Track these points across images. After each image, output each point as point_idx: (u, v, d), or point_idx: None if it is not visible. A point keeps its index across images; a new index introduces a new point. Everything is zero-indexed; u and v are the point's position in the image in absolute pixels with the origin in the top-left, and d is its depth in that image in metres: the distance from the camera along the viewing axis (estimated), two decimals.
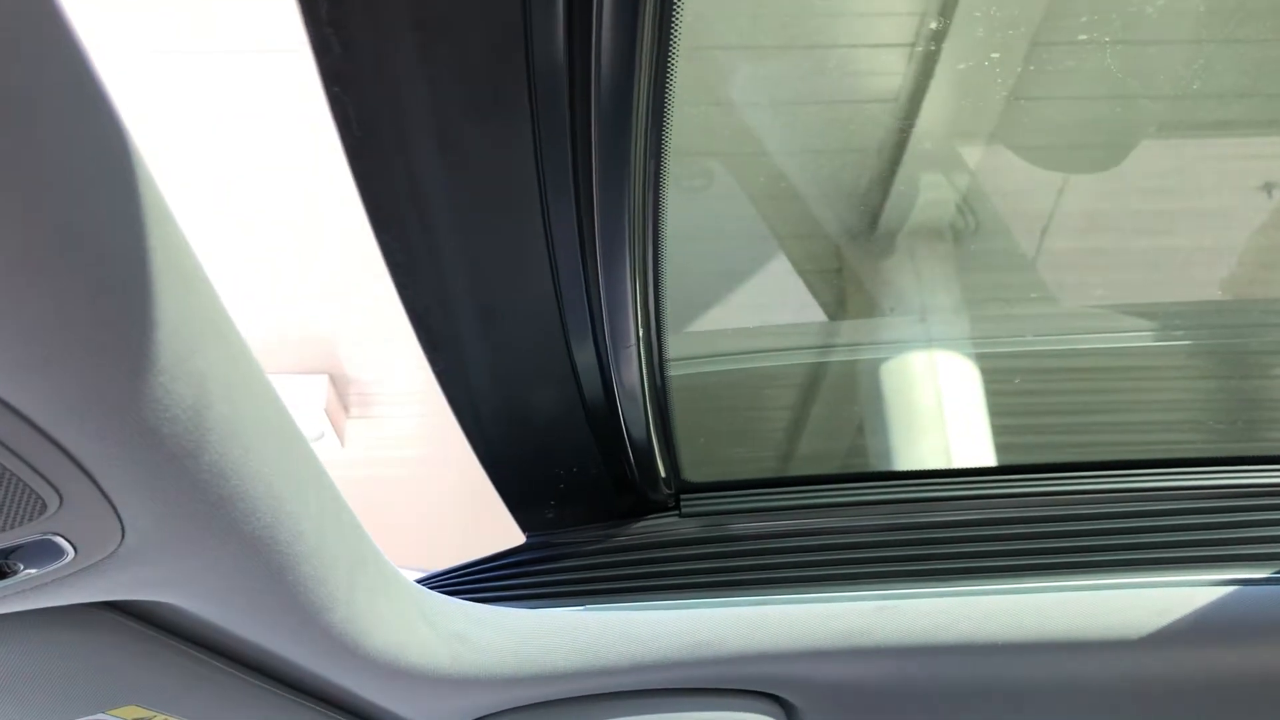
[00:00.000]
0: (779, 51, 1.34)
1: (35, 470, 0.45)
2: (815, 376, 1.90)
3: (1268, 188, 1.91)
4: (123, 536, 0.51)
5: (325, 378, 3.13)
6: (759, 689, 1.07)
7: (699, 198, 1.63)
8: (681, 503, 1.07)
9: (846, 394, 1.96)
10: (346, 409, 3.37)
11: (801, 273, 1.78)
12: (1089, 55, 1.88)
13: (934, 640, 0.99)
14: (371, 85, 0.58)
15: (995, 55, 1.63)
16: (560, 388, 0.85)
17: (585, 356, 0.83)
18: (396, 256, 0.70)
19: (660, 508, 1.06)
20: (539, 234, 0.69)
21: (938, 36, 1.61)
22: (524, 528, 1.04)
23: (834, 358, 1.95)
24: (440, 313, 0.76)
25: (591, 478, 0.98)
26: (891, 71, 1.52)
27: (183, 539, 0.54)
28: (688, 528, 1.05)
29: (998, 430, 2.01)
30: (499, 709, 1.04)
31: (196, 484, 0.50)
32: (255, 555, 0.60)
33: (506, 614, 0.95)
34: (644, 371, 0.86)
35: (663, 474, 1.02)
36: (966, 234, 1.83)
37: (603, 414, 0.90)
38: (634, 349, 0.82)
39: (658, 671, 1.01)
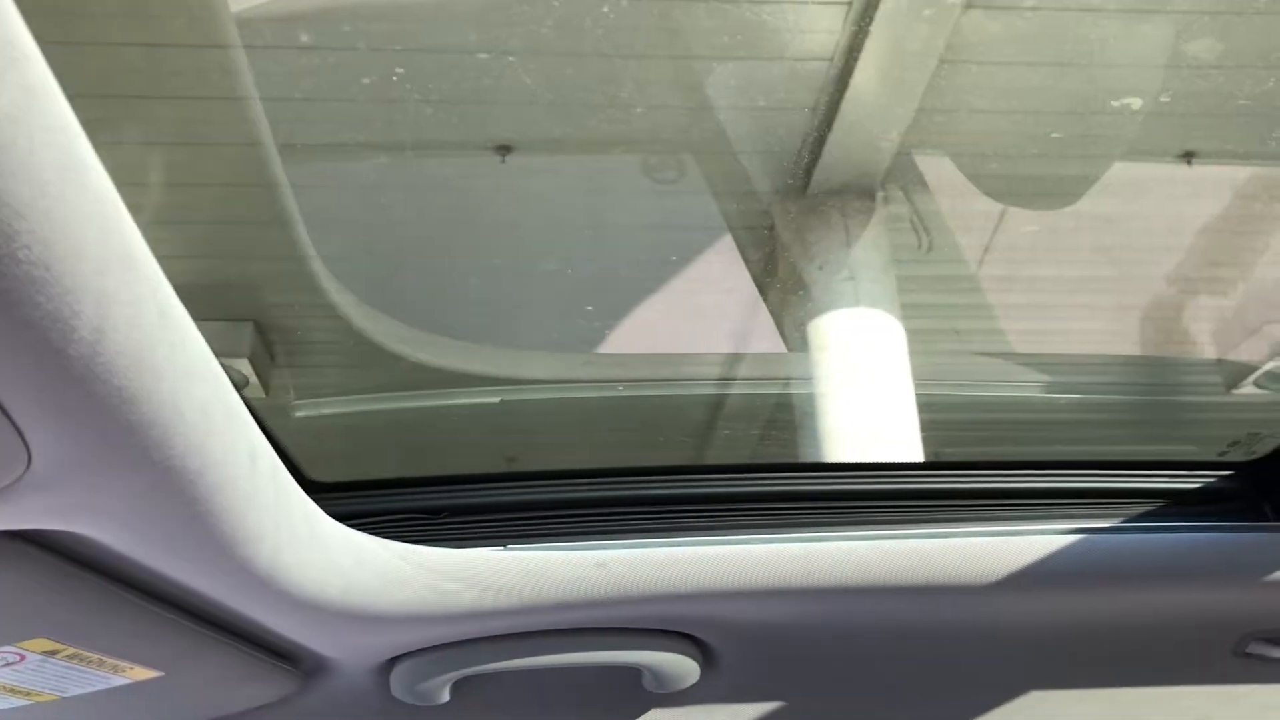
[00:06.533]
0: None
1: None
2: None
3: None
4: (29, 462, 0.51)
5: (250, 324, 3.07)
6: (676, 629, 1.09)
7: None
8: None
9: None
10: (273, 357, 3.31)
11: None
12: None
13: (839, 583, 1.02)
14: None
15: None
16: None
17: None
18: None
19: None
20: None
21: None
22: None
23: None
24: None
25: None
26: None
27: (92, 466, 0.54)
28: None
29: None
30: (418, 646, 1.05)
31: (105, 409, 0.50)
32: (168, 486, 0.59)
33: (429, 553, 0.95)
34: None
35: None
36: None
37: None
38: None
39: (576, 611, 1.02)
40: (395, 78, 1.88)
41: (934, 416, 2.38)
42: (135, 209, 0.52)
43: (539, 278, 2.24)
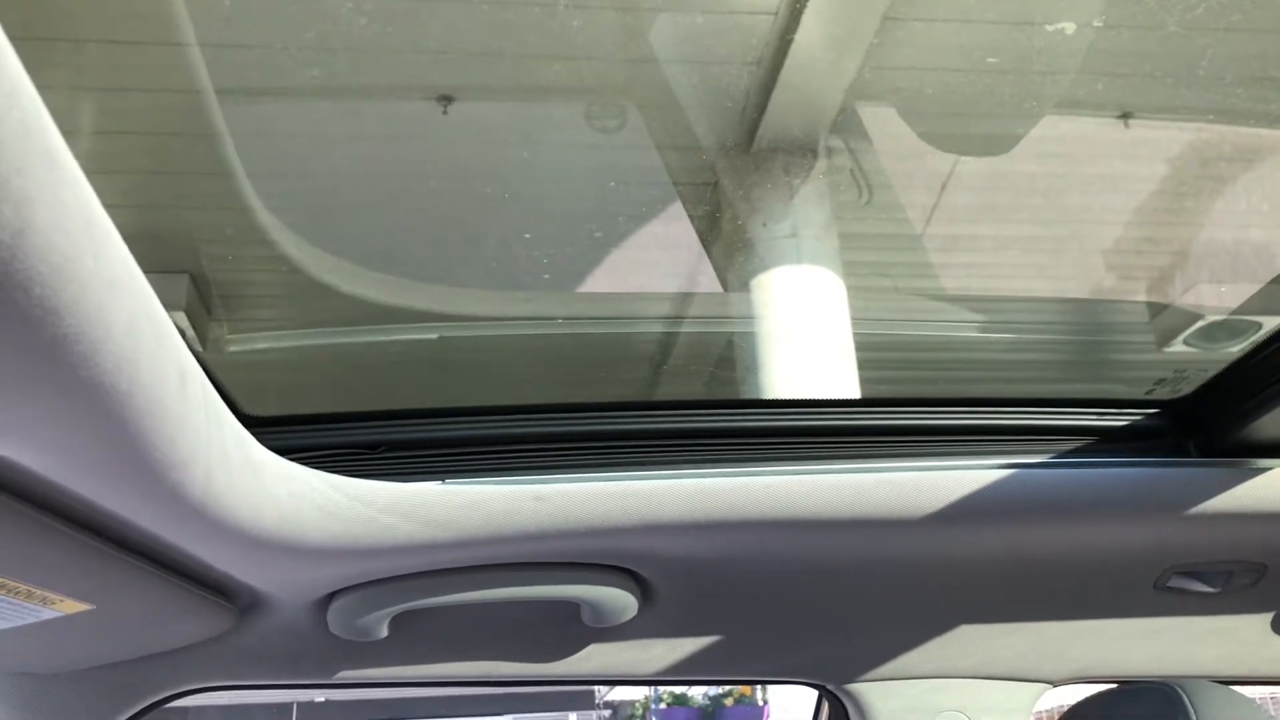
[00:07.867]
0: None
1: None
2: None
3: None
4: None
5: (186, 277, 3.02)
6: (614, 563, 1.10)
7: None
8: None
9: None
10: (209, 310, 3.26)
11: None
12: None
13: (774, 517, 1.03)
14: None
15: None
16: None
17: None
18: None
19: None
20: None
21: None
22: None
23: None
24: None
25: None
26: None
27: (14, 383, 0.53)
28: None
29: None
30: (356, 581, 1.05)
31: (27, 320, 0.49)
32: (95, 404, 0.58)
33: (366, 486, 0.94)
34: None
35: None
36: None
37: None
38: None
39: (515, 544, 1.02)
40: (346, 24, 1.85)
41: (874, 374, 2.41)
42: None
43: (482, 225, 2.23)
